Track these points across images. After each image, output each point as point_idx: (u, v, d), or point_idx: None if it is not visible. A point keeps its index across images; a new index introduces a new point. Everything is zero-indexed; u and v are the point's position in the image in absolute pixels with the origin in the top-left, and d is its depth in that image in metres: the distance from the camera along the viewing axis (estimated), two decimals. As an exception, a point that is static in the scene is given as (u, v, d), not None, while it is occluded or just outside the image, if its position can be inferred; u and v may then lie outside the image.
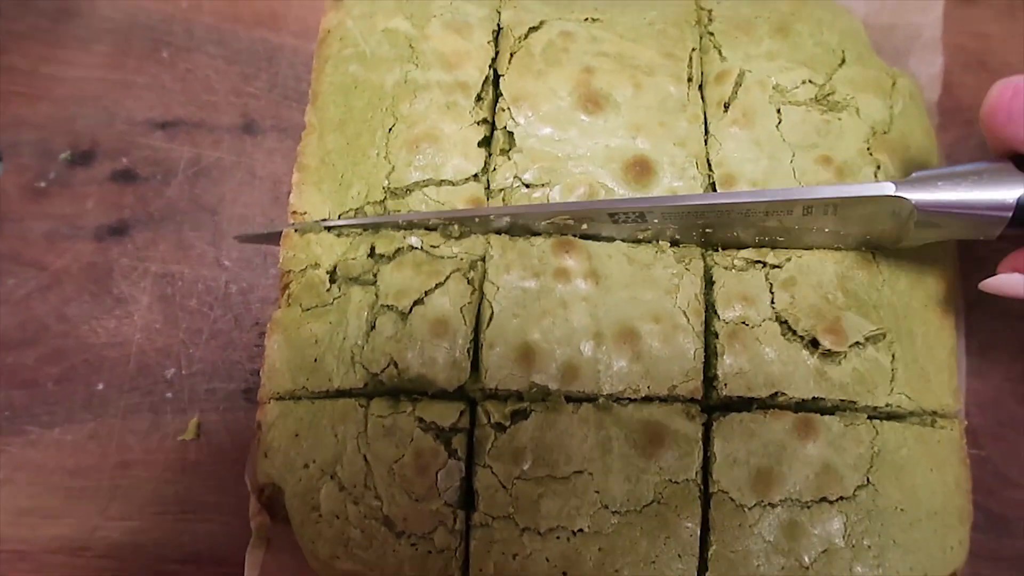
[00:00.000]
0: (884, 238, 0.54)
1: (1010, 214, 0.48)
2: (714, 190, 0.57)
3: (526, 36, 0.61)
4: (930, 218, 0.49)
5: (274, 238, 0.58)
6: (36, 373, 0.63)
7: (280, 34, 0.73)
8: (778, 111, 0.58)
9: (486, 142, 0.59)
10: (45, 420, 0.61)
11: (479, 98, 0.59)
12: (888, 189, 0.49)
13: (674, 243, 0.56)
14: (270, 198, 0.68)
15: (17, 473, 0.60)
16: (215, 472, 0.60)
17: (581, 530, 0.50)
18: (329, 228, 0.57)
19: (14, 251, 0.66)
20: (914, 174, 0.50)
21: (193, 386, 0.62)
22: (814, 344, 0.52)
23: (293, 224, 0.58)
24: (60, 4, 0.74)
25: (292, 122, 0.70)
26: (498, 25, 0.63)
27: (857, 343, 0.52)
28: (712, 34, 0.63)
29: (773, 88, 0.59)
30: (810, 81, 0.60)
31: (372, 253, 0.56)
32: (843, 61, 0.62)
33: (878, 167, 0.57)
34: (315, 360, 0.55)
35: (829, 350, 0.52)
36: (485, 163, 0.58)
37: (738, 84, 0.59)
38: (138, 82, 0.71)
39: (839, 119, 0.59)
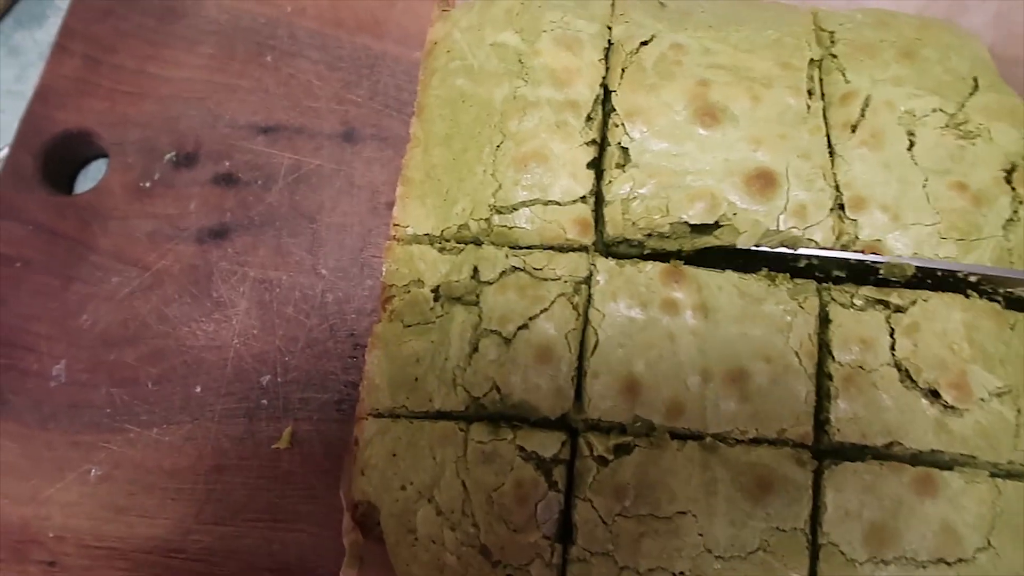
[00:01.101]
0: None
1: None
2: (843, 211, 0.54)
3: (637, 50, 0.60)
4: None
5: None
6: (136, 372, 0.64)
7: (382, 41, 0.73)
8: (910, 134, 0.56)
9: (595, 163, 0.57)
10: (144, 419, 0.62)
11: (589, 118, 0.58)
12: None
13: (795, 274, 0.54)
14: (368, 208, 0.67)
15: (116, 471, 0.61)
16: (307, 482, 0.60)
17: (682, 573, 0.49)
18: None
19: (118, 249, 0.67)
20: None
21: (288, 394, 0.63)
22: (934, 394, 0.50)
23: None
24: (167, 4, 0.74)
25: (392, 132, 0.70)
26: (609, 41, 0.61)
27: (981, 398, 0.50)
28: (835, 56, 0.60)
29: (904, 112, 0.57)
30: (941, 109, 0.57)
31: (475, 274, 0.55)
32: (975, 88, 0.59)
33: (1020, 203, 0.54)
34: (416, 379, 0.54)
35: (951, 405, 0.49)
36: (593, 184, 0.56)
37: (865, 106, 0.57)
38: (242, 85, 0.72)
39: (973, 144, 0.56)
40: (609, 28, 0.62)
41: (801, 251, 0.54)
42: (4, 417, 0.62)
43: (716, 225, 0.55)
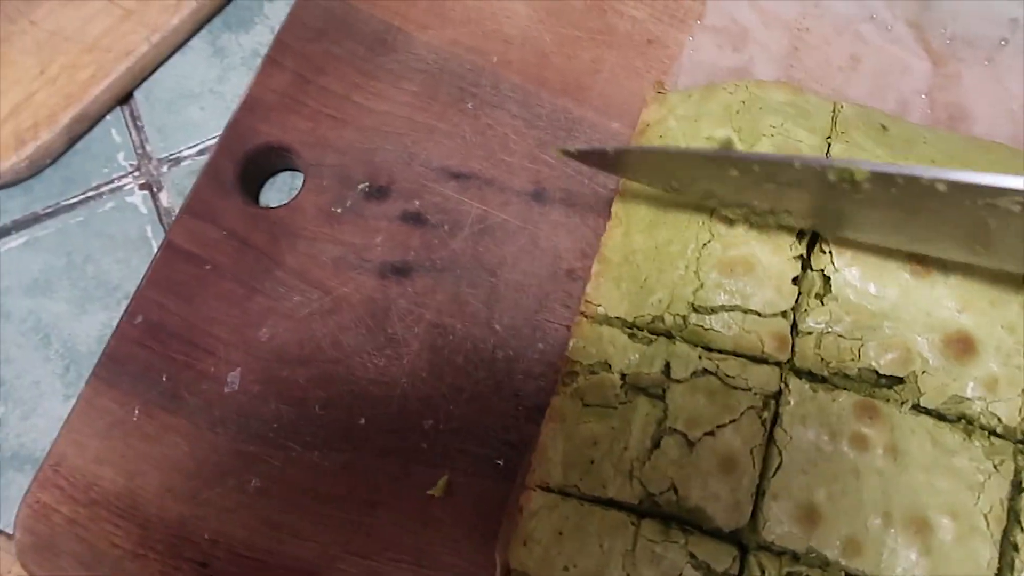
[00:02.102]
0: None
1: None
2: None
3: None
4: None
5: (597, 157, 0.61)
6: (306, 393, 0.65)
7: (582, 106, 0.74)
8: None
9: (798, 280, 0.58)
10: (307, 441, 0.64)
11: (801, 233, 0.58)
12: None
13: (992, 433, 0.53)
14: (549, 271, 0.68)
15: (274, 485, 0.63)
16: (454, 534, 0.62)
17: None
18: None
19: (303, 269, 0.69)
20: None
21: (447, 443, 0.64)
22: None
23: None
24: (380, 35, 0.77)
25: (581, 199, 0.71)
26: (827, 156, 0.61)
27: None
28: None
29: None
30: None
31: (666, 369, 0.56)
32: None
33: None
34: (592, 462, 0.55)
35: None
36: (796, 301, 0.57)
37: None
38: (440, 128, 0.73)
39: None
40: (828, 143, 0.62)
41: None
42: (178, 414, 0.65)
43: (901, 380, 0.54)
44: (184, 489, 0.63)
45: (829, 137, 0.62)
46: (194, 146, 0.80)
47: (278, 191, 0.76)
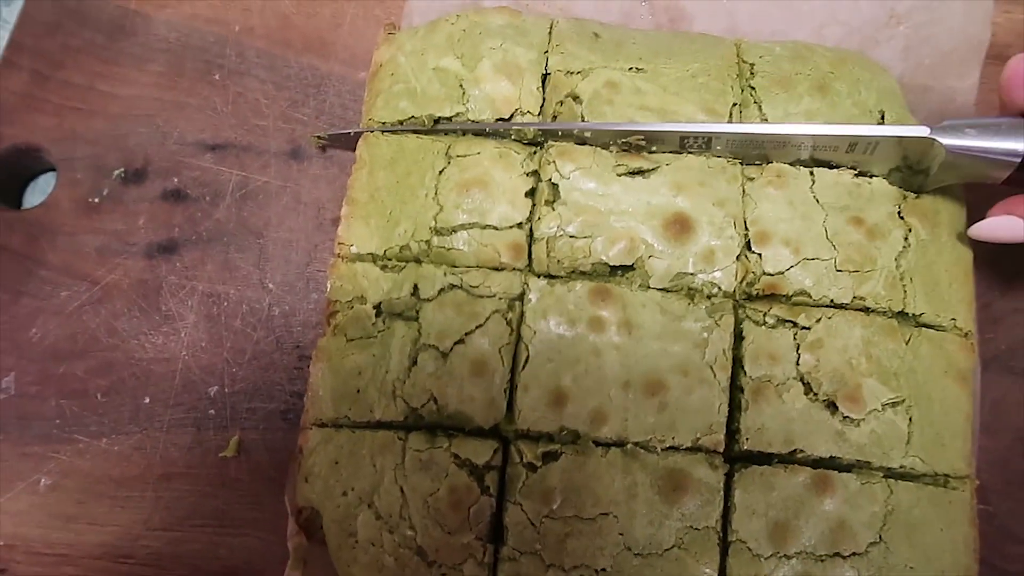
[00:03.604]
0: (909, 181, 0.62)
1: (1019, 160, 0.56)
2: (749, 248, 0.59)
3: (573, 86, 0.63)
4: (955, 159, 0.57)
5: (344, 140, 0.67)
6: (86, 384, 0.65)
7: (328, 61, 0.75)
8: (811, 173, 0.61)
9: (532, 192, 0.61)
10: (93, 430, 0.64)
11: (532, 151, 0.62)
12: (924, 131, 0.58)
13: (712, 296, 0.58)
14: (314, 224, 0.70)
15: (66, 480, 0.63)
16: (253, 489, 0.63)
17: (604, 569, 0.53)
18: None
19: (67, 264, 0.69)
20: (945, 122, 0.58)
21: (235, 404, 0.65)
22: (833, 406, 0.55)
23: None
24: (117, 21, 0.76)
25: (337, 150, 0.72)
26: (545, 70, 0.65)
27: (875, 409, 0.55)
28: (753, 88, 0.65)
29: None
30: None
31: (415, 291, 0.58)
32: (880, 122, 0.64)
33: (909, 230, 0.60)
34: (358, 391, 0.57)
35: (847, 416, 0.54)
36: (530, 212, 0.60)
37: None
38: (190, 103, 0.74)
39: (869, 183, 0.61)
40: (546, 56, 0.65)
41: (710, 128, 0.61)
42: (-47, 429, 0.64)
43: (632, 267, 0.58)
44: (-28, 501, 0.62)
45: (546, 51, 0.65)
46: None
47: (41, 193, 0.75)
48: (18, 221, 0.70)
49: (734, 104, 0.63)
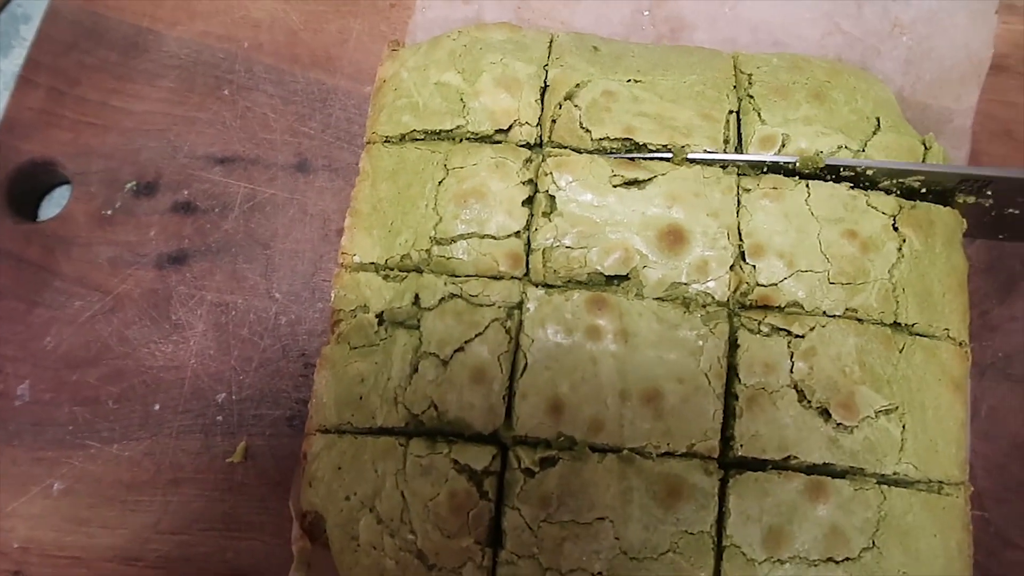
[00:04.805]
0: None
1: None
2: (743, 259, 0.60)
3: (571, 95, 0.65)
4: None
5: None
6: (98, 391, 0.67)
7: (335, 76, 0.77)
8: (807, 186, 0.61)
9: (529, 201, 0.62)
10: (105, 436, 0.66)
11: (527, 160, 0.63)
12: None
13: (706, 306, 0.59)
14: (320, 235, 0.72)
15: (78, 484, 0.65)
16: (259, 494, 0.65)
17: (600, 573, 0.54)
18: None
19: (81, 274, 0.71)
20: None
21: (242, 411, 0.67)
22: (826, 413, 0.56)
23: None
24: (130, 39, 0.78)
25: (343, 162, 0.74)
26: (545, 83, 0.66)
27: (868, 416, 0.55)
28: (752, 97, 0.66)
29: (814, 153, 0.62)
30: (846, 147, 0.63)
31: (416, 301, 0.60)
32: (877, 128, 0.65)
33: (903, 241, 0.60)
34: (360, 397, 0.59)
35: (840, 423, 0.55)
36: (527, 222, 0.61)
37: (782, 148, 0.63)
38: (200, 118, 0.76)
39: (865, 195, 0.61)
40: (546, 70, 0.66)
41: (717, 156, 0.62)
42: (-30, 435, 0.66)
43: (627, 277, 0.59)
44: (-13, 505, 0.64)
45: (546, 64, 0.67)
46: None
47: (56, 206, 0.77)
48: (34, 233, 0.72)
49: (730, 111, 0.65)
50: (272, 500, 0.64)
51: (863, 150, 0.63)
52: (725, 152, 0.63)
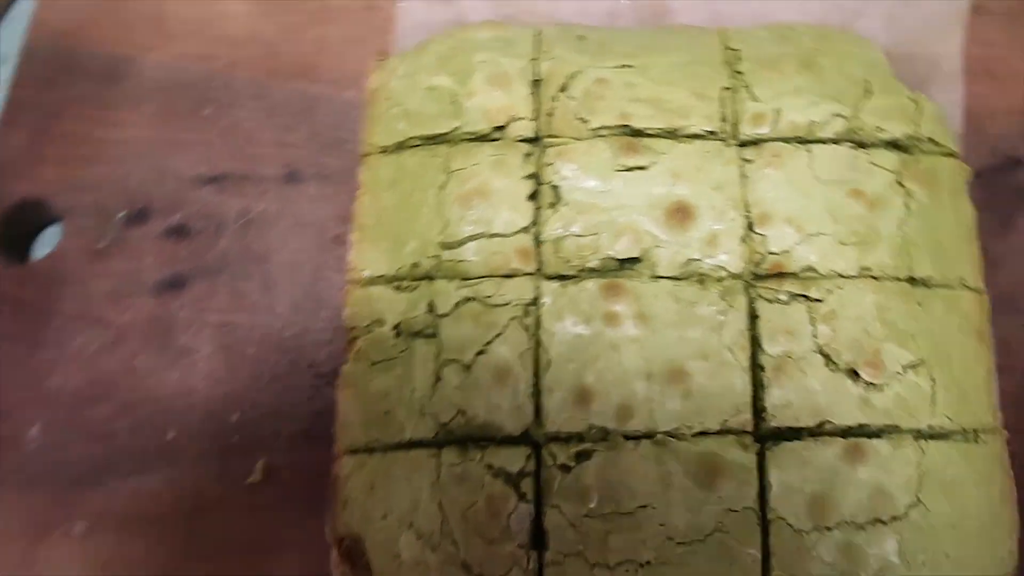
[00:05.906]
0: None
1: None
2: (751, 229, 0.59)
3: (564, 87, 0.64)
4: None
5: None
6: (110, 426, 0.66)
7: (316, 84, 0.76)
8: (808, 151, 0.61)
9: (534, 196, 0.61)
10: (121, 471, 0.65)
11: (527, 154, 0.62)
12: None
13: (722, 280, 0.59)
14: (316, 244, 0.71)
15: (98, 524, 0.63)
16: (284, 511, 0.63)
17: (648, 562, 0.53)
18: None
19: (80, 311, 0.69)
20: None
21: (257, 429, 0.65)
22: (855, 374, 0.55)
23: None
24: (108, 69, 0.76)
25: (332, 169, 0.73)
26: (537, 77, 0.65)
27: (896, 372, 0.55)
28: (741, 73, 0.65)
29: (807, 124, 0.62)
30: (839, 115, 0.62)
31: (431, 308, 0.58)
32: (869, 92, 0.64)
33: (910, 196, 0.60)
34: (386, 413, 0.57)
35: (870, 381, 0.55)
36: (534, 215, 0.60)
37: (774, 124, 0.62)
38: (185, 139, 0.74)
39: (867, 153, 0.61)
40: (536, 64, 0.65)
41: None
42: (-14, 486, 0.64)
43: (638, 259, 0.59)
44: (9, 557, 0.62)
45: (535, 59, 0.66)
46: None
47: (48, 245, 0.74)
48: (28, 275, 0.70)
49: (724, 88, 0.64)
50: (298, 516, 0.63)
51: (857, 116, 0.63)
52: (723, 128, 0.63)
